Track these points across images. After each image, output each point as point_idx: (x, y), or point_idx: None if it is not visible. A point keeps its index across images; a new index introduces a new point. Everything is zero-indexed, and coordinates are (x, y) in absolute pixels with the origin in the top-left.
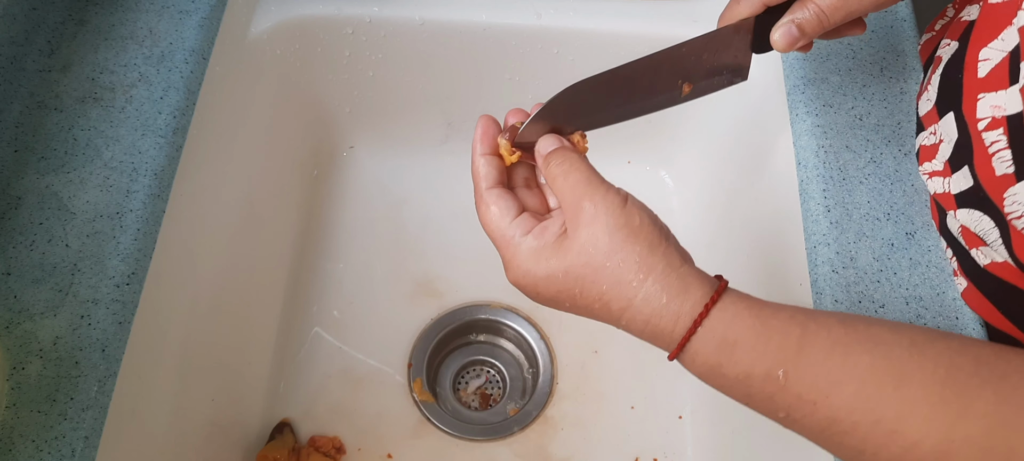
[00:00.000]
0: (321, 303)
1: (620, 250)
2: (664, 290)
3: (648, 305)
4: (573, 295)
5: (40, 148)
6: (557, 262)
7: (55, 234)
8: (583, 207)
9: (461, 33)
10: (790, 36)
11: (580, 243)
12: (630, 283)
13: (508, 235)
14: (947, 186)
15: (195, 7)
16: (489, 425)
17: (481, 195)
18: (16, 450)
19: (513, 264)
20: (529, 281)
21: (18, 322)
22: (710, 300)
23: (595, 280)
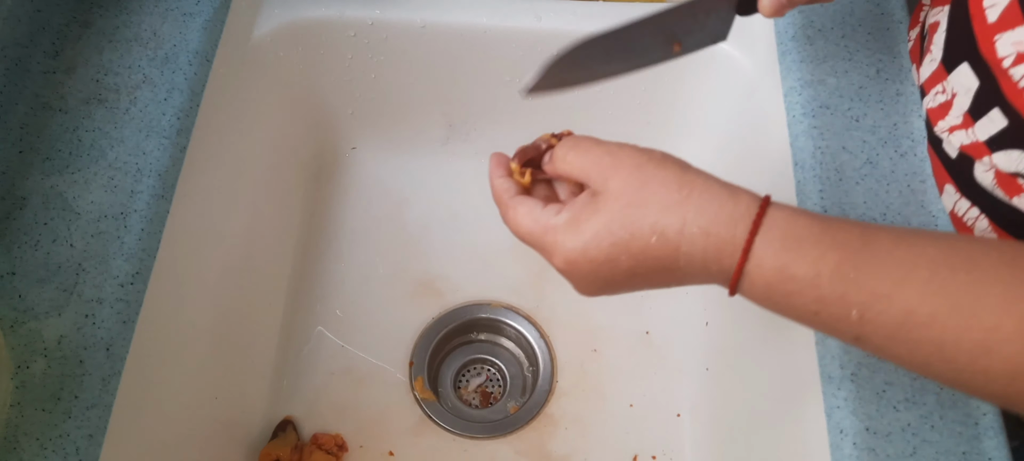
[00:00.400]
0: (324, 302)
1: (655, 177)
2: (713, 197)
3: (703, 215)
4: (626, 242)
5: (45, 149)
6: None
7: (60, 234)
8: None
9: (462, 36)
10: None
11: (614, 190)
12: (677, 202)
13: (542, 222)
14: (973, 136)
15: (199, 9)
16: (490, 423)
17: (507, 205)
18: (21, 448)
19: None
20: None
21: (23, 321)
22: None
23: (642, 214)
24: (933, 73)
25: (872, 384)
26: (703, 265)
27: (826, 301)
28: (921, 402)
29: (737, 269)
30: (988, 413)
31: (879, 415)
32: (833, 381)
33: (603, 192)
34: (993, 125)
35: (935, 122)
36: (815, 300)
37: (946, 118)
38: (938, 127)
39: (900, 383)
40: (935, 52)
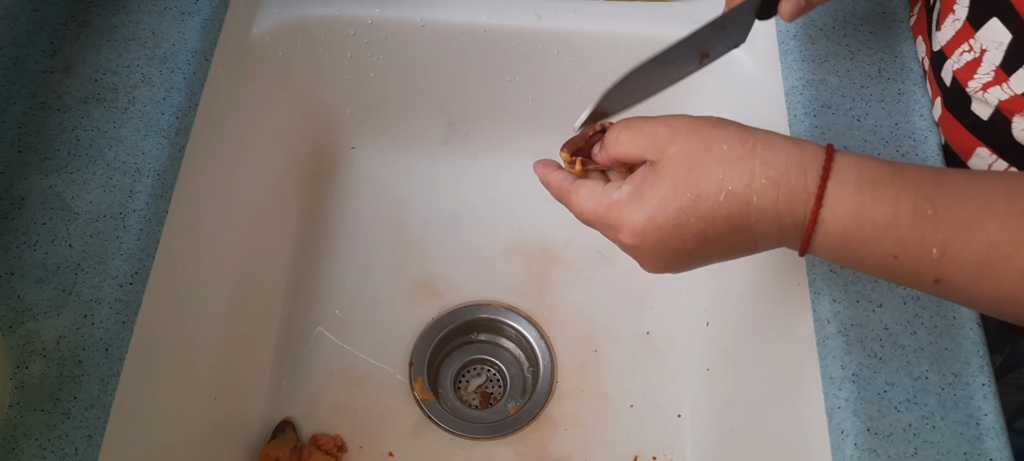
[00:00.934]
0: (323, 302)
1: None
2: (779, 148)
3: (770, 166)
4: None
5: (43, 149)
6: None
7: (58, 234)
8: (659, 132)
9: (462, 34)
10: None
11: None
12: (741, 156)
13: (607, 200)
14: (1010, 90)
15: (197, 8)
16: (489, 424)
17: (567, 192)
18: (19, 449)
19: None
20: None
21: (21, 321)
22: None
23: (708, 173)
24: (958, 32)
25: (873, 385)
26: (776, 218)
27: (906, 243)
28: (923, 403)
29: (812, 217)
30: (990, 414)
31: (880, 416)
32: (834, 381)
33: (663, 160)
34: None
35: (965, 81)
36: (895, 243)
37: (976, 76)
38: (970, 85)
39: (901, 384)
40: (958, 11)
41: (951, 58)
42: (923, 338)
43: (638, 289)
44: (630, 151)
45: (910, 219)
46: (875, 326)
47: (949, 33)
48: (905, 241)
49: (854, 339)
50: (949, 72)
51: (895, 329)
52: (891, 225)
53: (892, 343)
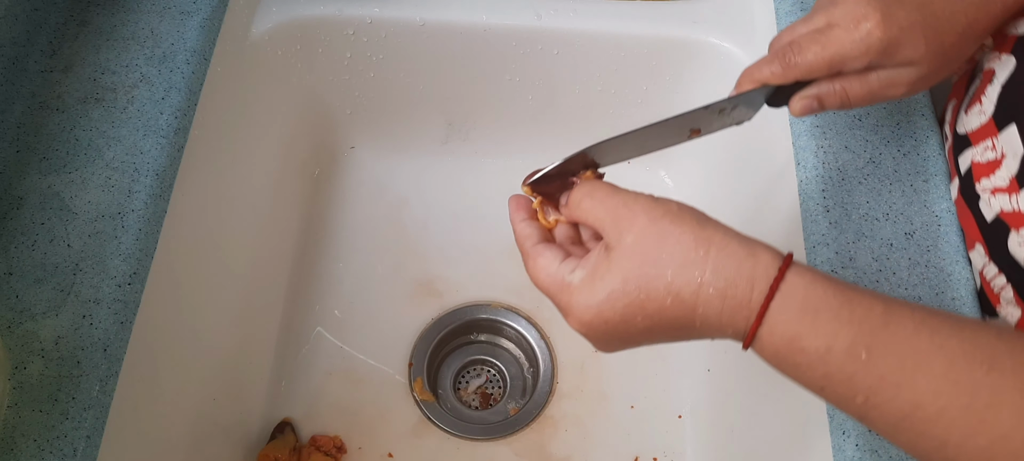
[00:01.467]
0: (322, 303)
1: (671, 234)
2: (730, 256)
3: (719, 277)
4: (641, 303)
5: (42, 148)
6: (612, 277)
7: (57, 234)
8: (619, 214)
9: (462, 34)
10: (809, 108)
11: (629, 247)
12: (694, 261)
13: (558, 278)
14: (1016, 204)
15: (196, 8)
16: (489, 424)
17: (527, 254)
18: (18, 449)
19: (571, 305)
20: (592, 313)
21: (20, 322)
22: (784, 262)
23: (658, 273)
24: (983, 126)
25: None
26: (718, 325)
27: (833, 379)
28: None
29: (750, 333)
30: None
31: None
32: None
33: (618, 247)
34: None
35: (978, 178)
36: (823, 376)
37: (991, 177)
38: (981, 184)
39: None
40: (986, 105)
41: (975, 148)
42: None
43: None
44: (588, 221)
45: (842, 359)
46: None
47: (974, 122)
48: (833, 377)
49: None
50: (968, 160)
51: None
52: (822, 360)
53: None
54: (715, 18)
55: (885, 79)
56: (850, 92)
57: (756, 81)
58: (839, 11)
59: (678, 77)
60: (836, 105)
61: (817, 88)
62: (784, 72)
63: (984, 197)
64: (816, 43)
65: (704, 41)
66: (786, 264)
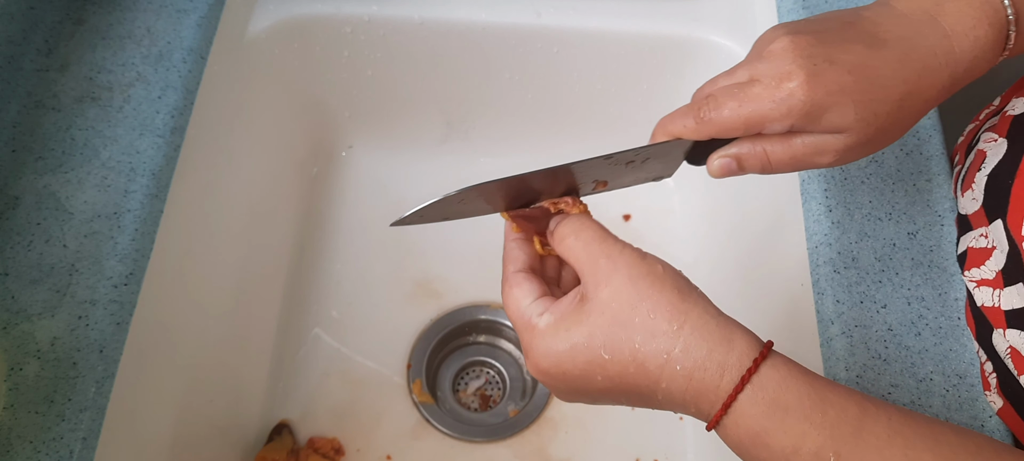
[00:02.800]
0: (320, 304)
1: (648, 298)
2: (704, 339)
3: (689, 356)
4: (602, 363)
5: (38, 148)
6: (579, 329)
7: (53, 234)
8: (599, 264)
9: (460, 32)
10: (728, 169)
11: (602, 301)
12: (664, 333)
13: (526, 316)
14: (997, 300)
15: (193, 6)
16: (489, 426)
17: (505, 278)
18: (14, 451)
19: (532, 346)
20: (550, 362)
21: (16, 323)
22: (760, 353)
23: (625, 337)
24: (976, 213)
25: (877, 387)
26: (682, 403)
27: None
28: (926, 406)
29: (713, 420)
30: (993, 416)
31: None
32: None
33: (592, 299)
34: (1018, 298)
35: (968, 267)
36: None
37: (981, 268)
38: (969, 274)
39: (905, 385)
40: (977, 191)
41: (973, 233)
42: (927, 340)
43: None
44: (570, 260)
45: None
46: (879, 327)
47: (970, 207)
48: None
49: (858, 340)
50: (965, 245)
51: (899, 330)
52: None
53: (896, 344)
54: (716, 16)
55: (810, 145)
56: (771, 156)
57: (669, 133)
58: (763, 66)
59: (679, 75)
60: (757, 168)
61: (737, 147)
62: (697, 127)
63: (971, 288)
64: (734, 99)
65: (705, 39)
66: (762, 356)
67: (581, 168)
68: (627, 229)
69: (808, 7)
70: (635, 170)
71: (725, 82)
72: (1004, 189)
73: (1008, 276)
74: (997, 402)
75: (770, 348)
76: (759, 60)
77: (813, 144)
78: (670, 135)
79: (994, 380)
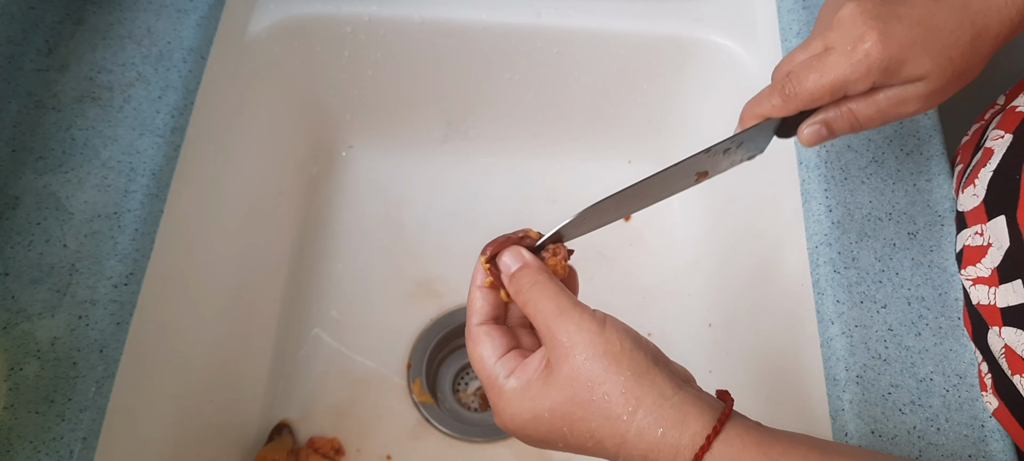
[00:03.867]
0: (320, 304)
1: (604, 381)
2: (658, 421)
3: (643, 439)
4: (563, 434)
5: (38, 148)
6: (541, 401)
7: (53, 234)
8: (559, 340)
9: (461, 32)
10: (818, 136)
11: (562, 378)
12: (619, 417)
13: (492, 376)
14: (992, 297)
15: (193, 6)
16: (489, 426)
17: (470, 331)
18: (14, 451)
19: (498, 408)
20: (517, 425)
21: (16, 323)
22: (713, 430)
23: (583, 417)
24: (974, 209)
25: (877, 387)
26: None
27: None
28: (927, 404)
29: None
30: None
31: (884, 418)
32: (838, 383)
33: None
34: (1014, 295)
35: (964, 265)
36: None
37: (977, 266)
38: (965, 272)
39: (905, 385)
40: (978, 187)
41: (969, 230)
42: (928, 339)
43: (639, 290)
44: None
45: None
46: (879, 327)
47: (968, 204)
48: None
49: (858, 340)
50: (961, 243)
51: (899, 330)
52: None
53: (896, 344)
54: (716, 16)
55: (894, 98)
56: (859, 115)
57: (758, 116)
58: (835, 34)
59: (679, 75)
60: (846, 129)
61: (824, 114)
62: (784, 104)
63: (967, 285)
64: (814, 71)
65: (705, 39)
66: (715, 432)
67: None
68: (627, 229)
69: (807, 6)
70: (730, 155)
71: (801, 56)
72: (1012, 183)
73: (1004, 273)
74: (993, 402)
75: (726, 418)
76: (830, 29)
77: (896, 96)
78: (759, 117)
79: (990, 380)
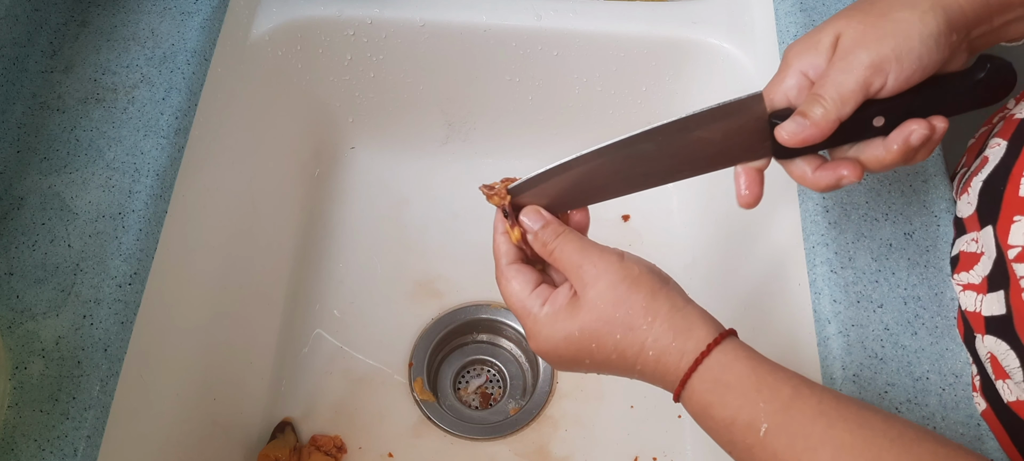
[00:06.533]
0: (322, 303)
1: (626, 300)
2: (670, 329)
3: (658, 345)
4: (591, 350)
5: (42, 149)
6: (572, 323)
7: (57, 234)
8: (584, 270)
9: (462, 34)
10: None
11: (589, 301)
12: (640, 327)
13: (528, 307)
14: (979, 305)
15: (197, 8)
16: (489, 424)
17: (501, 271)
18: (18, 449)
19: (534, 333)
20: (550, 346)
21: (21, 322)
22: (714, 340)
23: (609, 331)
24: (970, 217)
25: (874, 386)
26: (653, 379)
27: (736, 446)
28: (923, 403)
29: (675, 394)
30: None
31: None
32: (835, 382)
33: (581, 298)
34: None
35: (957, 270)
36: (728, 442)
37: (969, 272)
38: (957, 277)
39: (902, 384)
40: (972, 196)
41: (966, 236)
42: (924, 339)
43: None
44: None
45: (743, 431)
46: (876, 326)
47: (965, 211)
48: (736, 445)
49: (855, 340)
50: (958, 249)
51: (896, 329)
52: (726, 428)
53: (893, 344)
54: (714, 18)
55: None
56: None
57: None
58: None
59: (677, 77)
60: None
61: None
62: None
63: (957, 291)
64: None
65: (703, 41)
66: (715, 342)
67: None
68: (626, 229)
69: (805, 8)
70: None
71: None
72: (996, 195)
73: (992, 282)
74: (981, 404)
75: (726, 336)
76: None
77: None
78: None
79: (978, 382)
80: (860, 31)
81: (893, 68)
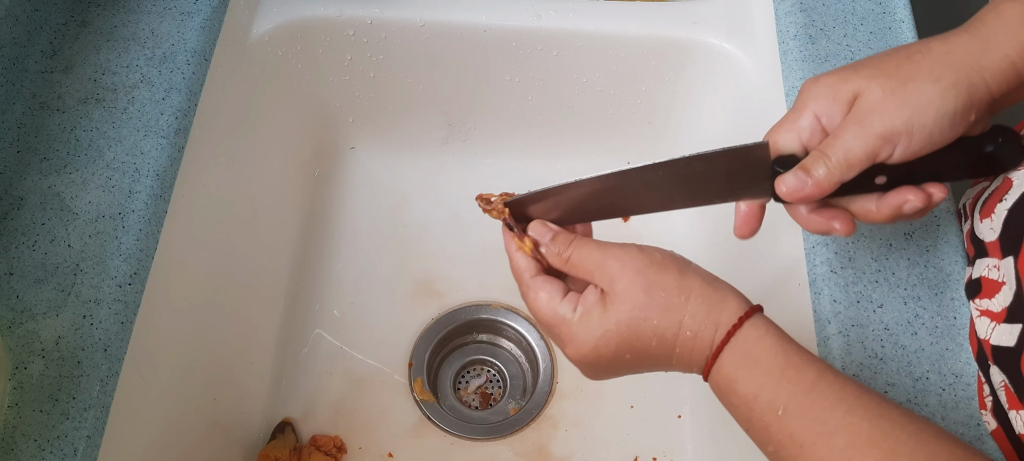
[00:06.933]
0: (322, 303)
1: (657, 283)
2: (705, 303)
3: (695, 320)
4: (631, 343)
5: (42, 149)
6: (608, 319)
7: (57, 234)
8: (608, 266)
9: (462, 35)
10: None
11: (620, 293)
12: (676, 306)
13: (561, 314)
14: (990, 332)
15: (197, 8)
16: (489, 424)
17: (527, 285)
18: (18, 449)
19: (571, 339)
20: (589, 348)
21: (20, 322)
22: (746, 312)
23: (645, 317)
24: (992, 243)
25: (874, 386)
26: (689, 361)
27: (754, 424)
28: (923, 404)
29: (707, 367)
30: None
31: None
32: None
33: (611, 293)
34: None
35: (976, 296)
36: (746, 419)
37: (992, 299)
38: (976, 303)
39: (902, 384)
40: (995, 222)
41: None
42: (924, 339)
43: None
44: (579, 273)
45: (763, 409)
46: (876, 326)
47: (987, 235)
48: (754, 423)
49: (854, 339)
50: (979, 272)
51: (896, 329)
52: (747, 405)
53: (893, 344)
54: (714, 18)
55: None
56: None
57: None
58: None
59: (678, 78)
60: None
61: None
62: None
63: (974, 314)
64: None
65: (703, 41)
66: (747, 314)
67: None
68: (626, 230)
69: (805, 9)
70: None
71: None
72: (1020, 226)
73: (1012, 314)
74: (991, 423)
75: (756, 310)
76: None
77: None
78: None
79: (990, 402)
80: (879, 97)
81: (903, 141)
